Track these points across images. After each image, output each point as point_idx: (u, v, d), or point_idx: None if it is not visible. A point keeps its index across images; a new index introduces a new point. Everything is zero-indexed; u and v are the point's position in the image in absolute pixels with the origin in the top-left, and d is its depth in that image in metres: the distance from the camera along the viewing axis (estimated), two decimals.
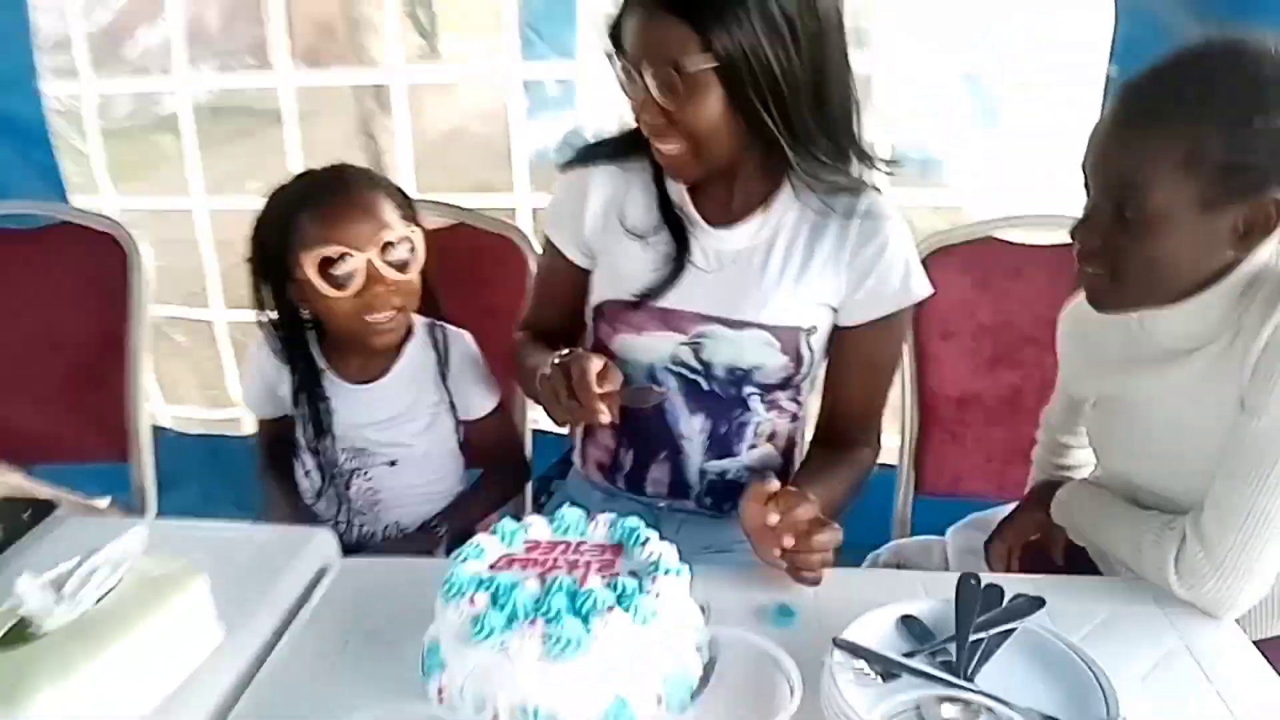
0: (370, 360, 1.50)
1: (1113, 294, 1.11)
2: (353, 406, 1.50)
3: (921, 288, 1.31)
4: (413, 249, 1.43)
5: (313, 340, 1.52)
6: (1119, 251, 1.06)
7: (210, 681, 0.97)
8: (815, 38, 1.16)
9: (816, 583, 1.08)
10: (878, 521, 1.70)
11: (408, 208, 1.46)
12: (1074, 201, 1.12)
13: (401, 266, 1.41)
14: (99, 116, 2.79)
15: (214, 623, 1.00)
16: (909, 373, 1.67)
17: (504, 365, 1.55)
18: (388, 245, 1.39)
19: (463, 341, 1.55)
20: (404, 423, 1.51)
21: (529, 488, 1.70)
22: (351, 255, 1.36)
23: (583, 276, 1.42)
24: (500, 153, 2.77)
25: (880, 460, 1.93)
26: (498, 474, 1.64)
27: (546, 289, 1.49)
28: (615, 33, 1.20)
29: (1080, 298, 1.17)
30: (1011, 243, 1.63)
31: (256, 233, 1.45)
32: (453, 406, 1.54)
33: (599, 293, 1.39)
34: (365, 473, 1.52)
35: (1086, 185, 1.09)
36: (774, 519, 1.06)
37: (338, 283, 1.37)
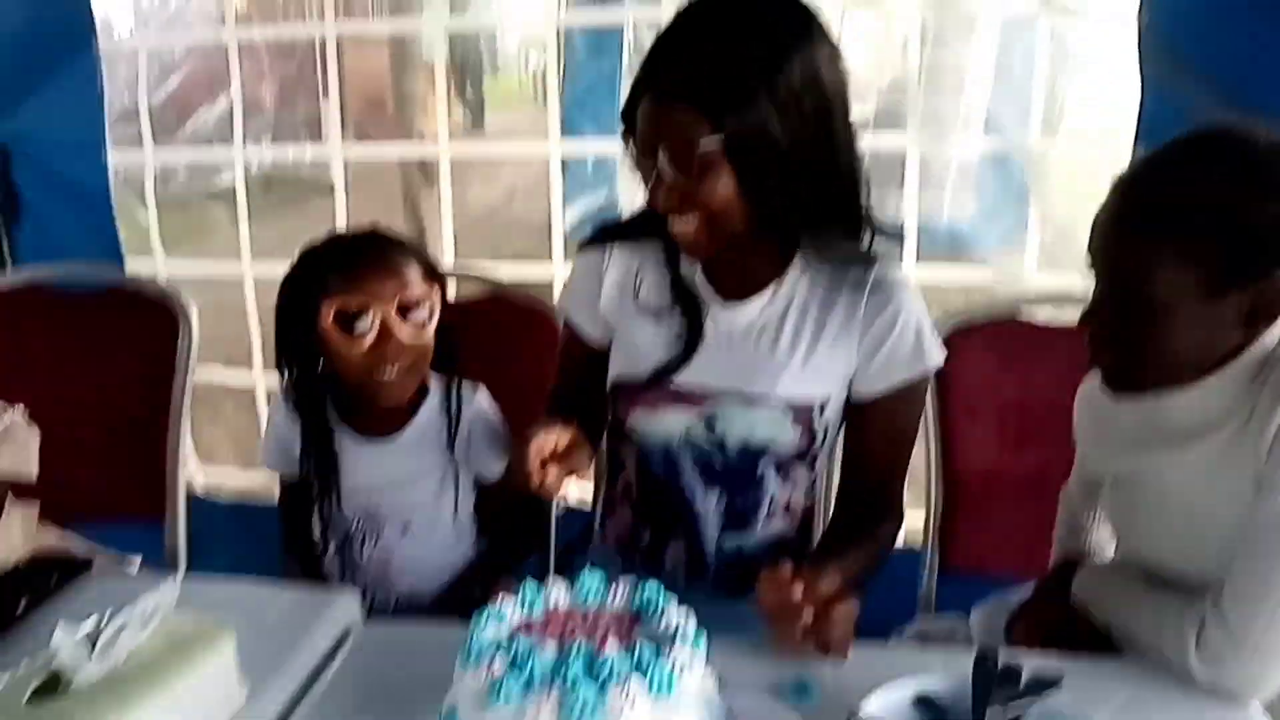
0: (383, 420, 1.53)
1: (1125, 378, 1.14)
2: (363, 465, 1.52)
3: (935, 356, 1.33)
4: (431, 311, 1.46)
5: (330, 401, 1.54)
6: (1128, 338, 1.09)
7: None
8: (822, 115, 1.19)
9: (844, 657, 1.08)
10: (903, 600, 1.68)
11: (433, 273, 1.50)
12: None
13: (417, 327, 1.45)
14: (158, 185, 2.92)
15: (239, 681, 1.02)
16: (934, 450, 1.67)
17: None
18: (406, 304, 1.43)
19: (478, 401, 1.56)
20: (416, 484, 1.53)
21: (551, 560, 1.71)
22: (369, 309, 1.41)
23: (600, 353, 1.45)
24: (541, 228, 2.85)
25: (906, 539, 1.92)
26: (509, 538, 1.63)
27: (567, 365, 1.52)
28: (629, 114, 1.24)
29: (1096, 378, 1.18)
30: (1034, 325, 1.64)
31: (285, 283, 1.50)
32: (466, 471, 1.55)
33: (615, 371, 1.42)
34: (377, 538, 1.53)
35: (1093, 269, 1.12)
36: (799, 592, 1.06)
37: (352, 334, 1.42)
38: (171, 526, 1.82)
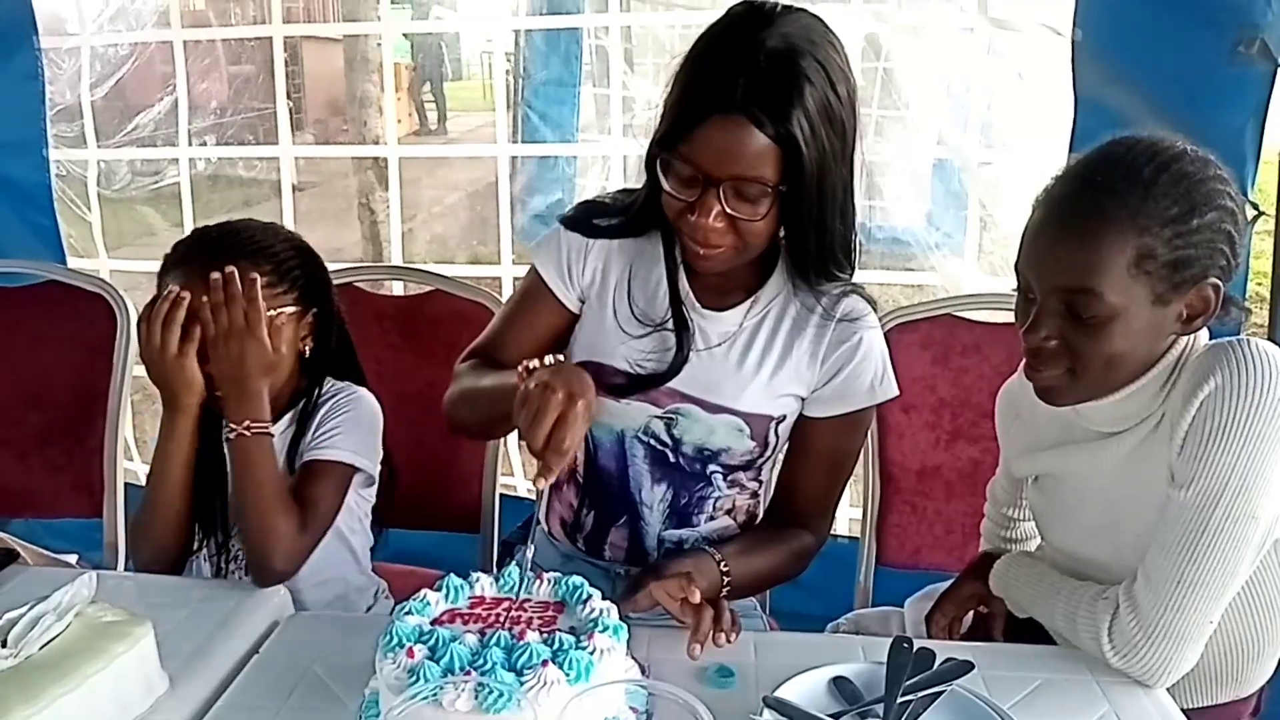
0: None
1: (1070, 391, 1.13)
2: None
3: (888, 391, 1.34)
4: (283, 327, 1.38)
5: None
6: (1076, 350, 1.08)
7: None
8: (850, 151, 1.20)
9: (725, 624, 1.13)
10: (841, 593, 1.70)
11: (290, 283, 1.42)
12: None
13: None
14: (101, 183, 2.90)
15: (159, 672, 1.02)
16: (872, 445, 1.68)
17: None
18: None
19: (349, 396, 1.47)
20: None
21: (494, 550, 1.70)
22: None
23: (565, 317, 1.39)
24: (494, 227, 2.85)
25: (844, 532, 1.92)
26: None
27: (519, 315, 1.41)
28: (671, 138, 1.17)
29: (1015, 379, 1.20)
30: (970, 320, 1.67)
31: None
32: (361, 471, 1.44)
33: (584, 352, 1.37)
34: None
35: (1025, 285, 1.12)
36: (696, 594, 1.13)
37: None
38: (110, 521, 1.79)
